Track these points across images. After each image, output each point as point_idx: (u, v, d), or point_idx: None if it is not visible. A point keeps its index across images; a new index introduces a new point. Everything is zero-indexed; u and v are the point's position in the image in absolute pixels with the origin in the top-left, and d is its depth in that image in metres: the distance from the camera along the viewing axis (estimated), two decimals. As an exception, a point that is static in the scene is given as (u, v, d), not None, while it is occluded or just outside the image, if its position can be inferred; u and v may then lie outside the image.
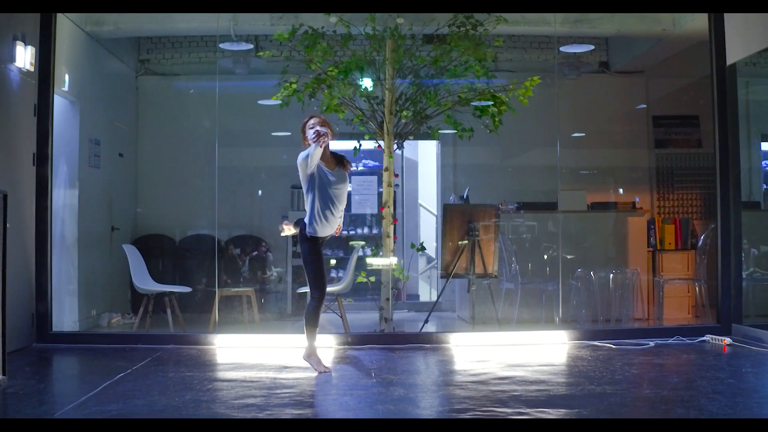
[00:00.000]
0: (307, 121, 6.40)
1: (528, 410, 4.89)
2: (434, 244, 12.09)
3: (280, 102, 8.19)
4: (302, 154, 6.25)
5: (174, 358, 7.02)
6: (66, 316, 8.87)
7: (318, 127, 6.19)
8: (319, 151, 6.12)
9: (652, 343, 7.62)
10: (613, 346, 7.47)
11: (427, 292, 12.54)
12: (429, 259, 12.63)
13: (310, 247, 6.38)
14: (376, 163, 10.99)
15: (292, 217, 10.80)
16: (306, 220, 6.35)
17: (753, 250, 9.60)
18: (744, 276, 8.56)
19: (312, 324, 6.33)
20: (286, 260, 10.70)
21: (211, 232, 10.78)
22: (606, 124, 11.32)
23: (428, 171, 12.42)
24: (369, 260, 8.43)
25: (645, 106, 11.45)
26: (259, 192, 11.23)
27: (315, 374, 6.18)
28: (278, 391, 5.53)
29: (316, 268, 6.35)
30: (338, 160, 6.46)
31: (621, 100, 11.57)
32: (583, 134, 11.00)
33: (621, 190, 11.22)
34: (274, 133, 11.29)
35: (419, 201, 12.53)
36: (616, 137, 11.37)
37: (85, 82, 9.32)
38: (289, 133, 11.06)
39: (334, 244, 11.31)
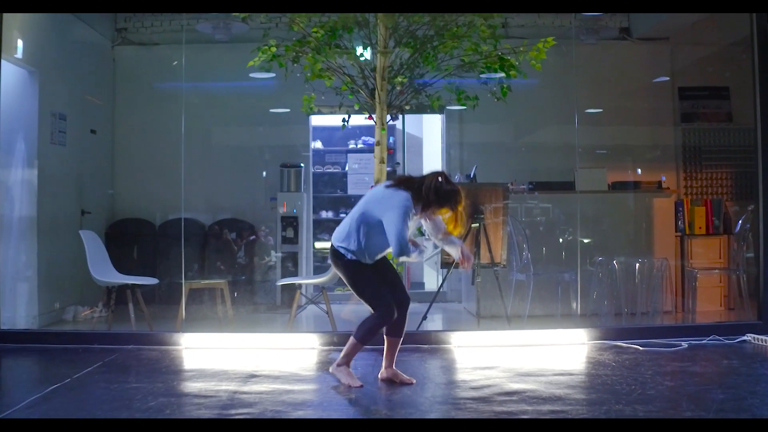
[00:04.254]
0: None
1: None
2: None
3: (268, 72, 7.24)
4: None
5: (128, 362, 6.03)
6: (23, 310, 7.93)
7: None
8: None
9: (685, 344, 6.59)
10: (641, 348, 6.45)
11: (433, 281, 11.52)
12: (435, 244, 11.59)
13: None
14: (376, 141, 9.96)
15: (281, 199, 9.90)
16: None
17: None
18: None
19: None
20: (276, 246, 9.73)
21: (195, 215, 9.85)
22: (626, 97, 10.20)
23: (433, 149, 11.38)
24: None
25: (668, 78, 10.32)
26: (264, 173, 10.16)
27: (283, 387, 5.20)
28: (233, 411, 4.53)
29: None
30: None
31: (643, 70, 10.42)
32: (600, 109, 9.92)
33: (639, 170, 10.11)
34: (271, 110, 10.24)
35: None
36: (638, 111, 10.22)
37: (47, 50, 8.32)
38: (288, 110, 10.09)
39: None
